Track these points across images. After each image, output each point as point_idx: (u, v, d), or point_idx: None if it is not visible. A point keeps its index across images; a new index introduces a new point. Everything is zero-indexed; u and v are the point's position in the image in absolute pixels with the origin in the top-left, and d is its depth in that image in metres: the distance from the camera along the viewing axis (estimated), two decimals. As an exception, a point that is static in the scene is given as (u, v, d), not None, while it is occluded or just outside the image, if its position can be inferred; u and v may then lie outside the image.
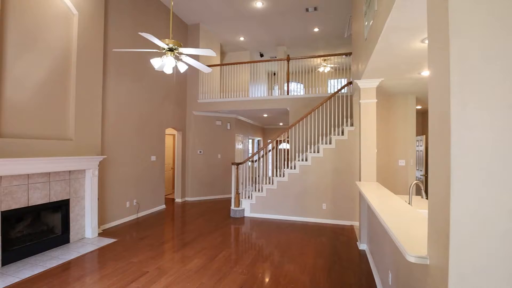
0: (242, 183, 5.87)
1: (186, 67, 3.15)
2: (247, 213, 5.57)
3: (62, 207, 3.83)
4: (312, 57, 6.36)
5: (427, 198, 3.11)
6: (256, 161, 6.25)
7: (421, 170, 6.85)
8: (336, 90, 5.64)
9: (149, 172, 5.74)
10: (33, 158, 3.25)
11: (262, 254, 3.59)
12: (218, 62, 8.21)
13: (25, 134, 3.38)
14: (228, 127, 7.78)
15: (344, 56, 7.17)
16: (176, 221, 5.21)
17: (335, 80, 8.55)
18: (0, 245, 3.09)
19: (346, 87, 5.41)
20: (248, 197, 5.70)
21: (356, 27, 4.41)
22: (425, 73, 3.40)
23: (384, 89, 4.41)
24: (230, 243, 4.00)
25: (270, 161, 9.97)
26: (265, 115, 8.22)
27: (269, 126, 11.76)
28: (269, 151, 6.65)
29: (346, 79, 7.39)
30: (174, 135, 7.90)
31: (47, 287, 2.69)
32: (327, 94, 6.03)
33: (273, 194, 5.42)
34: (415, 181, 2.62)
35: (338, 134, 5.50)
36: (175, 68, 6.09)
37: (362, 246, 3.83)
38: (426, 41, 2.40)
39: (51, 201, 3.63)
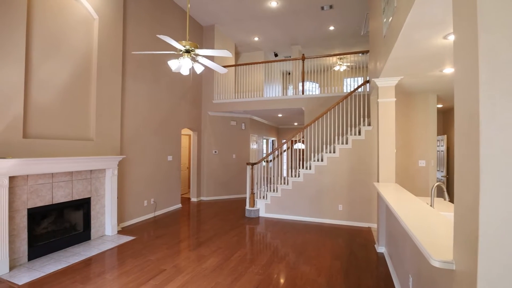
0: (257, 183, 5.87)
1: (202, 68, 3.19)
2: (262, 213, 5.57)
3: (83, 205, 3.96)
4: (327, 56, 6.28)
5: (450, 200, 3.00)
6: (270, 161, 6.24)
7: (442, 171, 6.62)
8: (352, 89, 5.54)
9: (166, 171, 5.85)
10: (57, 157, 3.39)
11: (277, 255, 3.57)
12: (233, 63, 8.26)
13: (49, 135, 3.52)
14: (243, 127, 7.80)
15: (360, 54, 7.03)
16: (191, 220, 5.27)
17: (351, 79, 8.39)
18: (27, 240, 3.24)
19: (362, 86, 5.30)
20: (263, 197, 5.69)
21: (374, 24, 4.31)
22: (448, 70, 3.28)
23: (403, 88, 4.28)
24: (245, 243, 4.01)
25: (284, 161, 9.92)
26: (280, 115, 8.19)
27: (283, 126, 11.71)
28: (284, 151, 6.62)
29: (362, 78, 7.25)
30: (189, 135, 8.01)
31: (70, 282, 2.79)
32: (343, 93, 5.93)
33: (288, 194, 5.39)
34: (437, 183, 2.53)
35: (355, 134, 5.40)
36: (192, 69, 6.18)
37: (380, 248, 3.74)
38: (449, 37, 2.31)
39: (73, 199, 3.77)
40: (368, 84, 5.36)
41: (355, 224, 4.97)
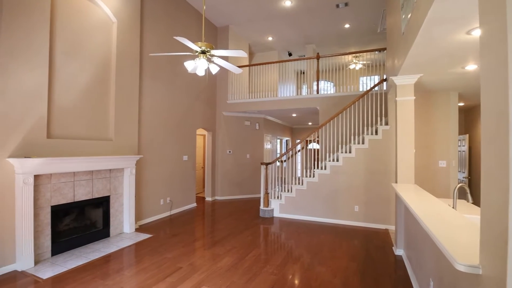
0: (271, 183, 5.85)
1: (218, 68, 3.21)
2: (276, 213, 5.55)
3: (103, 203, 4.09)
4: (342, 54, 6.18)
5: (473, 202, 2.88)
6: (285, 161, 6.21)
7: (464, 172, 6.37)
8: (368, 87, 5.42)
9: (181, 171, 5.94)
10: (79, 157, 3.51)
11: (292, 255, 3.55)
12: (247, 63, 8.28)
13: (71, 135, 3.66)
14: (257, 127, 7.81)
15: (376, 52, 6.86)
16: (206, 219, 5.33)
17: (367, 78, 8.22)
18: (50, 236, 3.37)
19: (379, 85, 5.18)
20: (277, 197, 5.68)
21: (391, 21, 4.20)
22: (471, 67, 3.15)
23: (423, 86, 4.15)
24: (260, 243, 4.01)
25: (299, 161, 9.85)
26: (294, 115, 8.14)
27: (297, 126, 11.63)
28: (298, 151, 6.57)
29: (379, 76, 7.09)
30: (204, 136, 8.10)
31: (91, 277, 2.89)
32: (359, 92, 5.82)
33: (302, 194, 5.35)
34: (460, 184, 2.43)
35: (372, 134, 5.29)
36: (207, 70, 6.24)
37: (399, 251, 3.64)
38: (473, 33, 2.22)
39: (93, 197, 3.90)
40: (385, 82, 5.24)
41: (371, 225, 4.87)
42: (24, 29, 3.08)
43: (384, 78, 5.11)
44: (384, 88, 5.38)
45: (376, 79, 9.59)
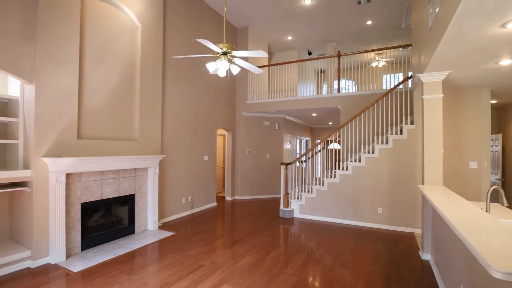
0: (291, 184, 5.82)
1: (239, 69, 3.24)
2: (296, 214, 5.51)
3: (128, 201, 4.25)
4: (365, 52, 6.02)
5: (508, 206, 2.70)
6: (304, 161, 6.14)
7: (496, 174, 6.00)
8: (392, 85, 5.24)
9: (202, 171, 6.05)
10: (107, 156, 3.67)
11: (313, 257, 3.51)
12: (266, 63, 8.28)
13: (98, 136, 3.83)
14: (276, 127, 7.79)
15: (400, 48, 6.62)
16: (226, 218, 5.39)
17: (390, 75, 7.95)
18: (80, 232, 3.55)
19: (403, 82, 4.99)
20: (297, 198, 5.63)
21: (417, 16, 4.04)
22: (505, 62, 2.96)
23: (452, 83, 3.96)
24: (280, 243, 3.99)
25: (319, 161, 9.71)
26: (314, 115, 8.03)
27: (317, 125, 11.47)
28: (319, 151, 6.49)
29: (402, 74, 6.84)
30: (224, 136, 8.19)
31: (117, 272, 3.01)
32: (382, 90, 5.64)
33: (323, 195, 5.27)
34: (493, 186, 2.29)
35: (396, 133, 5.12)
36: (228, 71, 6.31)
37: (426, 256, 3.49)
38: (509, 26, 2.08)
39: (120, 195, 4.06)
40: (410, 80, 5.04)
41: (396, 228, 4.70)
42: (56, 35, 3.27)
43: (410, 75, 4.92)
44: (409, 85, 5.18)
45: (400, 76, 9.25)
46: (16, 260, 3.00)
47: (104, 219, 4.03)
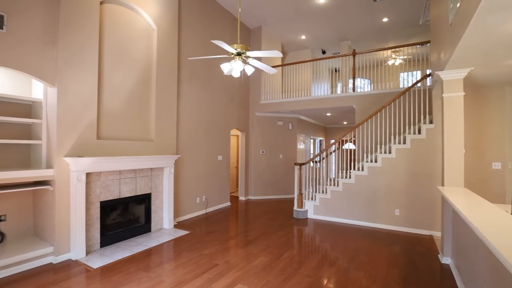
0: (305, 184, 5.77)
1: (253, 69, 3.25)
2: (310, 215, 5.46)
3: (145, 200, 4.34)
4: (381, 50, 5.88)
5: (536, 209, 2.57)
6: (319, 161, 6.08)
7: (522, 175, 5.71)
8: (410, 84, 5.10)
9: (216, 170, 6.10)
10: (124, 156, 3.76)
11: (327, 258, 3.46)
12: (280, 63, 8.25)
13: (117, 136, 3.94)
14: (290, 127, 7.75)
15: (418, 46, 6.43)
16: (240, 218, 5.41)
17: (407, 73, 7.74)
18: (99, 229, 3.66)
19: (421, 80, 4.84)
20: (311, 199, 5.58)
21: (436, 11, 3.91)
22: (532, 58, 2.82)
23: (474, 80, 3.81)
24: (294, 244, 3.97)
25: (333, 161, 9.59)
26: (328, 114, 7.94)
27: (331, 125, 11.32)
28: (333, 151, 6.40)
29: (420, 72, 6.64)
30: (238, 136, 8.23)
31: (135, 269, 3.08)
32: (399, 89, 5.50)
33: (338, 196, 5.19)
34: (520, 188, 2.19)
35: (414, 133, 4.98)
36: (242, 71, 6.33)
37: (445, 259, 3.37)
38: (537, 19, 1.98)
39: (137, 194, 4.15)
40: (429, 77, 4.89)
41: (414, 231, 4.57)
42: (77, 39, 3.39)
43: (428, 73, 4.77)
44: (428, 83, 5.03)
45: (418, 74, 8.98)
46: (40, 256, 3.13)
47: (122, 217, 4.14)
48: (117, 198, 3.88)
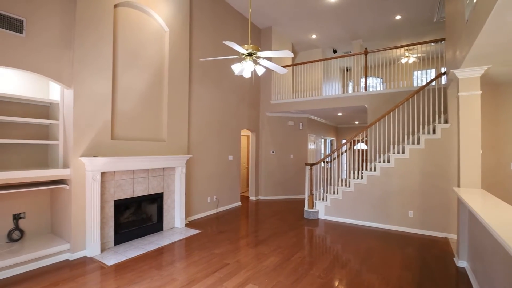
0: (316, 185, 5.73)
1: (263, 70, 3.25)
2: (321, 216, 5.41)
3: (157, 199, 4.41)
4: (394, 48, 5.77)
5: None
6: (329, 162, 6.02)
7: (543, 176, 5.49)
8: (424, 82, 4.98)
9: (227, 170, 6.13)
10: (138, 156, 3.84)
11: (339, 260, 3.43)
12: (290, 63, 8.22)
13: (130, 137, 4.02)
14: (301, 127, 7.71)
15: (432, 43, 6.28)
16: (251, 218, 5.42)
17: (421, 72, 7.57)
18: (113, 228, 3.75)
19: (436, 79, 4.73)
20: (322, 199, 5.53)
21: (451, 8, 3.81)
22: (554, 54, 2.71)
23: (491, 78, 3.69)
24: (305, 245, 3.95)
25: (344, 162, 9.47)
26: (339, 114, 7.85)
27: (343, 125, 11.20)
28: (345, 151, 6.33)
29: (435, 70, 6.48)
30: (248, 136, 8.25)
31: (148, 267, 3.13)
32: (413, 87, 5.38)
33: (349, 197, 5.13)
34: (541, 190, 2.10)
35: (428, 133, 4.87)
36: (253, 72, 6.35)
37: (461, 263, 3.28)
38: (559, 14, 1.91)
39: (149, 193, 4.23)
40: (444, 76, 4.77)
41: (428, 233, 4.47)
42: (92, 42, 3.48)
43: (443, 71, 4.66)
44: (443, 82, 4.90)
45: (432, 73, 8.78)
46: (57, 252, 3.23)
47: (135, 216, 4.22)
48: (130, 197, 3.96)
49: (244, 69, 3.16)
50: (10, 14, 2.86)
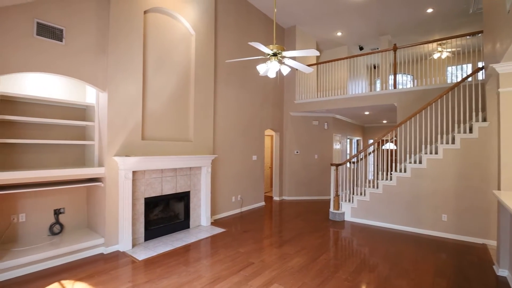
0: (341, 185, 5.60)
1: (289, 69, 3.24)
2: (347, 217, 5.28)
3: (184, 198, 4.54)
4: (425, 43, 5.49)
5: None
6: (356, 162, 5.86)
7: None
8: (458, 78, 4.69)
9: (251, 170, 6.18)
10: (166, 156, 3.98)
11: (367, 263, 3.33)
12: (314, 62, 8.10)
13: (159, 137, 4.18)
14: (325, 127, 7.57)
15: (468, 36, 5.89)
16: (274, 218, 5.41)
17: (456, 67, 7.11)
18: (144, 224, 3.91)
19: (474, 74, 4.43)
20: (349, 200, 5.40)
21: (491, -2, 3.56)
22: None
23: (537, 73, 3.39)
24: (330, 247, 3.87)
25: (370, 162, 9.17)
26: (366, 113, 7.61)
27: (370, 124, 10.84)
28: (373, 151, 6.13)
29: (471, 65, 6.08)
30: (272, 136, 8.24)
31: (175, 263, 3.24)
32: (446, 84, 5.09)
33: (378, 198, 4.96)
34: None
35: (464, 132, 4.59)
36: (278, 72, 6.34)
37: (502, 271, 3.05)
38: None
39: (177, 192, 4.37)
40: (482, 71, 4.46)
41: (464, 238, 4.20)
42: (124, 47, 3.66)
43: (481, 66, 4.36)
44: (481, 78, 4.59)
45: (468, 68, 8.23)
46: (92, 246, 3.43)
47: (163, 213, 4.38)
48: (159, 195, 4.11)
49: (269, 69, 3.17)
50: (52, 24, 3.09)
